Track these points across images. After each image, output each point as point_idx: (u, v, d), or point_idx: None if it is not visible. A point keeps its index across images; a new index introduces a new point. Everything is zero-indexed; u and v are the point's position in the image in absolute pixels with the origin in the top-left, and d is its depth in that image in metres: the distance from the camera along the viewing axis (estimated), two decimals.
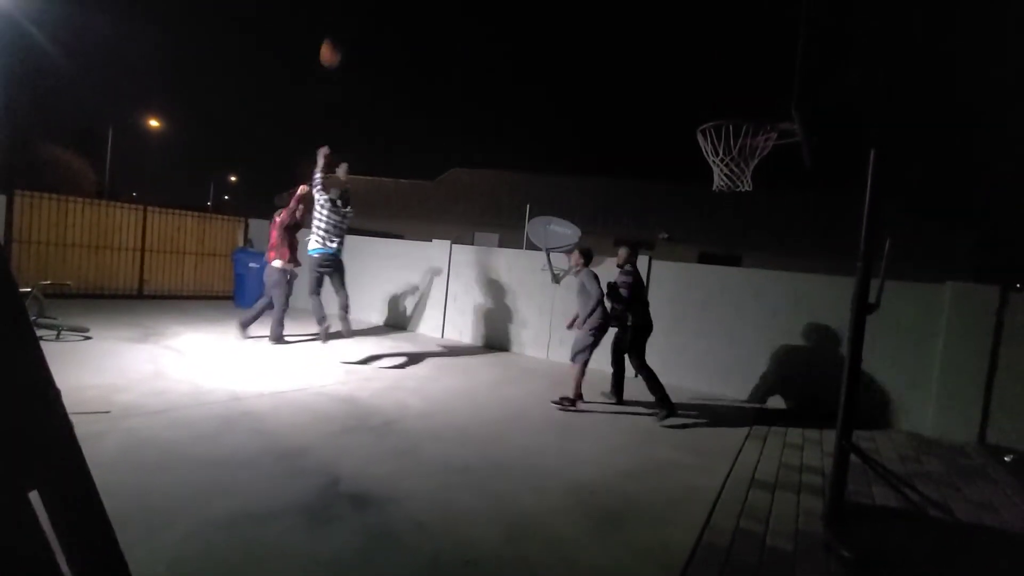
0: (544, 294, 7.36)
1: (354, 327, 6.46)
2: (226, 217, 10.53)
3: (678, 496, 3.21)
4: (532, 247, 7.62)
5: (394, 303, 8.78)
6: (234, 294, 9.32)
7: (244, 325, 6.49)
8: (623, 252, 5.25)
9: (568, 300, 7.11)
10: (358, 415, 4.13)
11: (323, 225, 6.03)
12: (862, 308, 2.69)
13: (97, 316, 6.90)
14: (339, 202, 6.15)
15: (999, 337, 4.90)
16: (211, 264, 9.94)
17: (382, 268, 8.96)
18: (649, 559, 2.47)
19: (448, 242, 8.28)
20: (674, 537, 2.70)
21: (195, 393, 4.24)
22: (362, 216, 17.32)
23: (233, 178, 34.81)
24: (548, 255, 7.13)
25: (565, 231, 7.19)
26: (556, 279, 7.23)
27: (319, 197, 6.04)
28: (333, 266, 6.12)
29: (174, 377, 4.62)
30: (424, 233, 10.36)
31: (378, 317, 8.91)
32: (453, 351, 7.19)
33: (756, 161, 3.04)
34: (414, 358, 6.46)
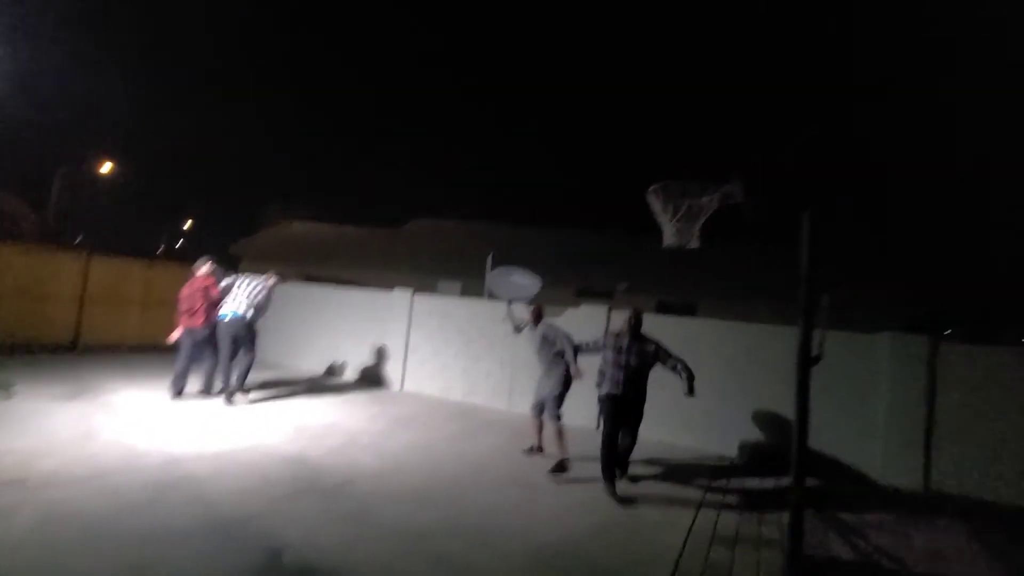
0: (505, 345, 7.33)
1: (253, 392, 6.20)
2: (176, 264, 10.15)
3: (642, 556, 3.14)
4: (494, 297, 7.65)
5: (352, 355, 8.53)
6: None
7: (218, 388, 6.23)
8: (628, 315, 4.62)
9: (530, 351, 7.10)
10: (308, 477, 3.90)
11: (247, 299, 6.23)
12: (806, 360, 2.81)
13: (26, 371, 6.38)
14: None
15: (934, 384, 5.18)
16: (158, 314, 9.46)
17: (341, 318, 8.77)
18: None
19: (409, 291, 8.21)
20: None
21: (128, 456, 3.92)
22: (322, 264, 17.05)
23: (187, 224, 33.86)
24: (509, 305, 7.16)
25: (526, 282, 7.28)
26: (517, 329, 7.24)
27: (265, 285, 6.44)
28: (248, 330, 6.22)
29: (106, 439, 4.27)
30: (386, 282, 10.26)
31: (336, 368, 8.62)
32: (412, 404, 6.99)
33: (702, 220, 3.22)
34: (371, 412, 6.24)
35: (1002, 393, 4.97)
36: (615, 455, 4.26)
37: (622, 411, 4.31)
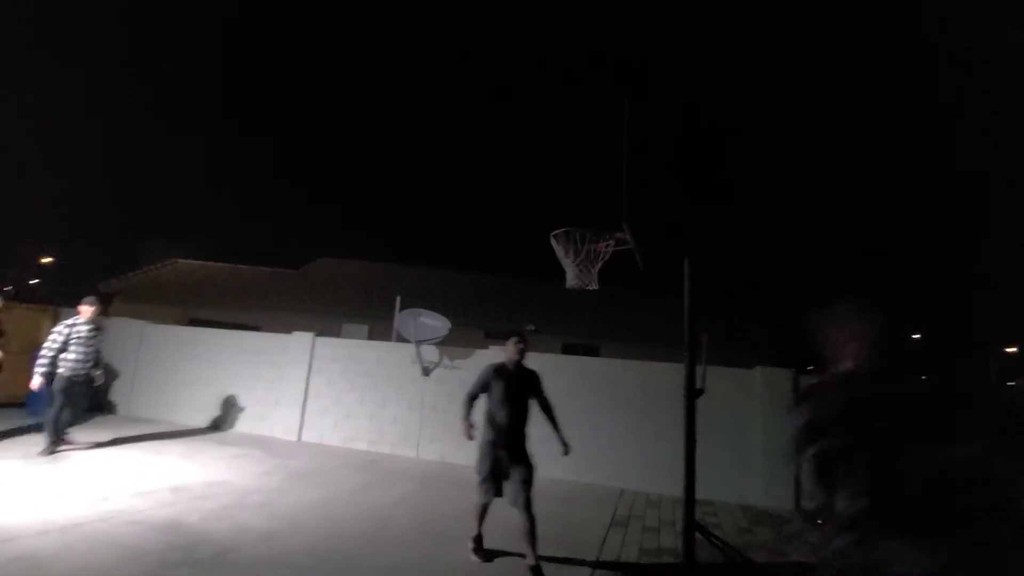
0: (414, 388, 7.15)
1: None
2: (28, 306, 8.79)
3: (511, 524, 3.12)
4: (402, 339, 7.49)
5: (244, 403, 7.81)
6: (27, 399, 7.56)
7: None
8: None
9: (438, 394, 6.98)
10: (182, 546, 3.45)
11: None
12: (691, 393, 3.07)
13: None
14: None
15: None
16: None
17: (232, 364, 8.04)
18: None
19: (310, 335, 7.78)
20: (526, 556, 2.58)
21: None
22: (213, 306, 15.63)
23: (46, 260, 29.41)
24: (418, 347, 7.04)
25: (435, 323, 7.24)
26: (426, 372, 7.12)
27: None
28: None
29: None
30: (287, 325, 9.64)
31: (224, 420, 7.82)
32: (312, 456, 6.50)
33: (600, 264, 3.48)
34: (264, 468, 5.70)
35: None
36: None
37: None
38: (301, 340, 7.77)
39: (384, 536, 3.98)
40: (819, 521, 4.60)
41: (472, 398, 3.69)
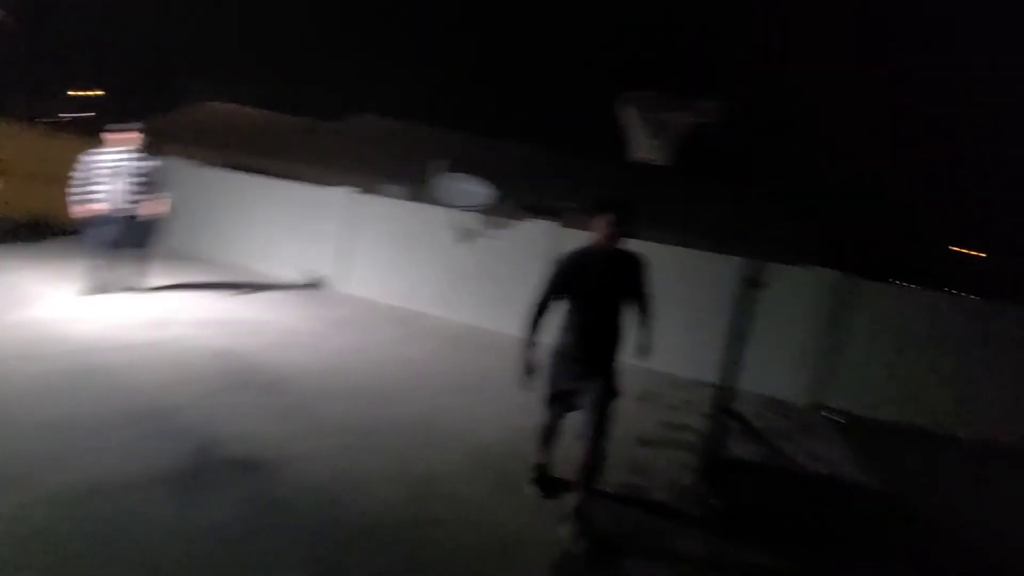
0: (449, 252, 7.20)
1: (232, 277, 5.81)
2: (74, 136, 8.85)
3: (572, 453, 3.35)
4: (443, 203, 7.37)
5: (286, 252, 8.07)
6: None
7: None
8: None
9: (471, 261, 7.04)
10: (239, 371, 3.76)
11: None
12: (750, 285, 2.93)
13: None
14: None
15: (840, 315, 5.71)
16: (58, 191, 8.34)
17: (275, 212, 8.16)
18: (548, 516, 2.55)
19: (352, 190, 7.73)
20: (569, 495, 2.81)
21: (35, 342, 3.56)
22: (250, 153, 15.57)
23: (99, 92, 29.16)
24: (457, 213, 6.95)
25: (476, 190, 7.04)
26: (462, 237, 7.10)
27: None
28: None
29: (7, 322, 3.85)
30: (325, 179, 9.58)
31: (270, 265, 8.17)
32: (350, 307, 6.82)
33: (671, 137, 3.14)
34: (306, 313, 6.03)
35: (898, 326, 5.59)
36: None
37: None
38: (343, 194, 7.74)
39: (420, 384, 4.25)
40: (841, 421, 4.57)
41: (542, 307, 2.51)
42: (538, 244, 6.81)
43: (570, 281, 2.51)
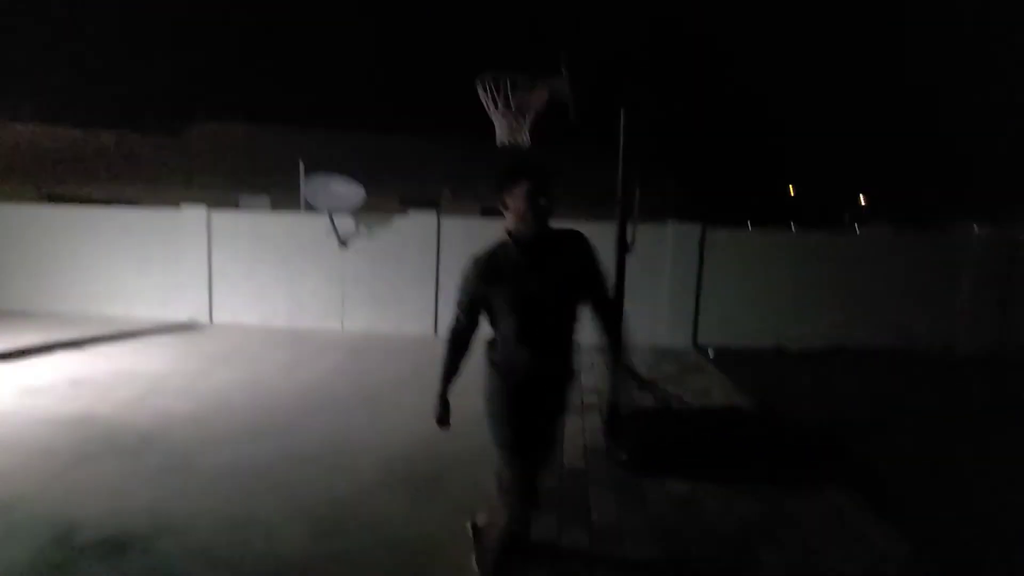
0: (332, 260, 6.81)
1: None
2: None
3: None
4: (313, 208, 6.90)
5: (139, 287, 7.08)
6: None
7: None
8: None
9: (360, 265, 6.72)
10: (100, 437, 3.25)
11: None
12: (622, 247, 3.12)
13: None
14: None
15: (702, 263, 6.37)
16: None
17: (117, 245, 7.08)
18: (470, 512, 2.55)
19: (204, 208, 6.94)
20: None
21: None
22: (78, 180, 13.30)
23: None
24: (331, 217, 6.56)
25: (347, 190, 6.69)
26: (343, 242, 6.75)
27: None
28: None
29: None
30: (172, 199, 8.49)
31: (117, 307, 7.10)
32: (227, 337, 6.20)
33: (531, 118, 3.20)
34: (175, 353, 5.37)
35: (747, 265, 6.38)
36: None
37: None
38: (194, 215, 6.92)
39: (319, 406, 4.00)
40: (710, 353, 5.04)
41: (458, 336, 1.90)
42: (423, 237, 6.69)
43: (490, 292, 1.76)
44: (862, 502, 2.71)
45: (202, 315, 6.94)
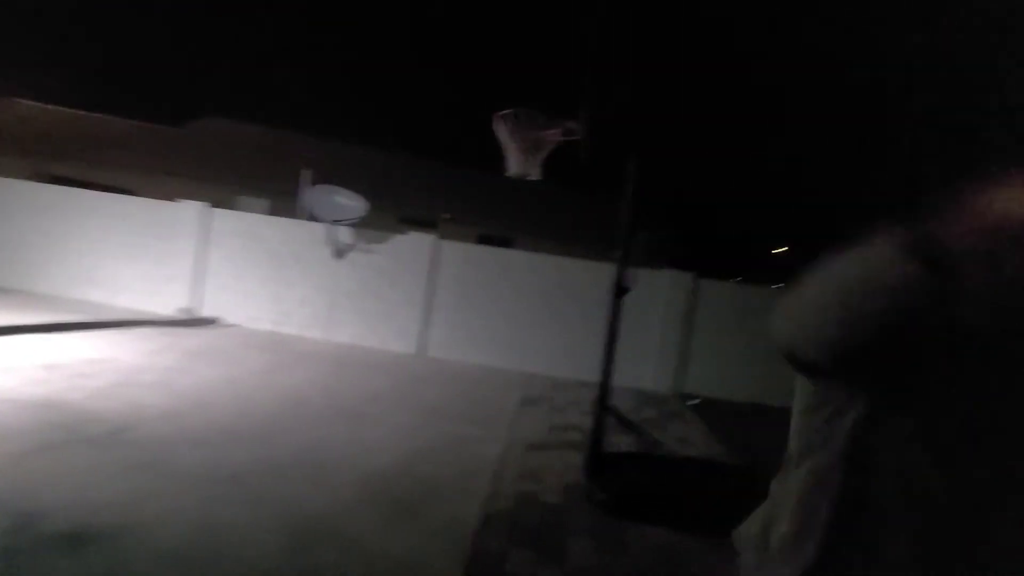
0: (325, 270, 6.79)
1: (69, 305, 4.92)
2: None
3: (467, 468, 3.34)
4: (314, 217, 6.92)
5: (129, 277, 6.97)
6: None
7: None
8: None
9: (351, 278, 6.71)
10: (67, 424, 3.15)
11: None
12: (619, 290, 3.18)
13: None
14: None
15: (692, 311, 6.47)
16: None
17: (111, 232, 7.00)
18: (445, 538, 2.50)
19: (204, 205, 6.92)
20: (465, 511, 2.79)
21: None
22: (77, 162, 13.18)
23: None
24: (332, 228, 6.59)
25: (351, 203, 6.74)
26: (339, 254, 6.76)
27: None
28: None
29: None
30: (168, 192, 8.45)
31: (101, 293, 6.97)
32: (210, 335, 6.10)
33: (545, 154, 3.31)
34: (155, 345, 5.26)
35: (737, 317, 6.48)
36: None
37: None
38: (194, 211, 6.90)
39: (298, 415, 3.93)
40: (691, 403, 5.06)
41: None
42: (417, 257, 6.72)
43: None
44: None
45: (187, 311, 6.83)
